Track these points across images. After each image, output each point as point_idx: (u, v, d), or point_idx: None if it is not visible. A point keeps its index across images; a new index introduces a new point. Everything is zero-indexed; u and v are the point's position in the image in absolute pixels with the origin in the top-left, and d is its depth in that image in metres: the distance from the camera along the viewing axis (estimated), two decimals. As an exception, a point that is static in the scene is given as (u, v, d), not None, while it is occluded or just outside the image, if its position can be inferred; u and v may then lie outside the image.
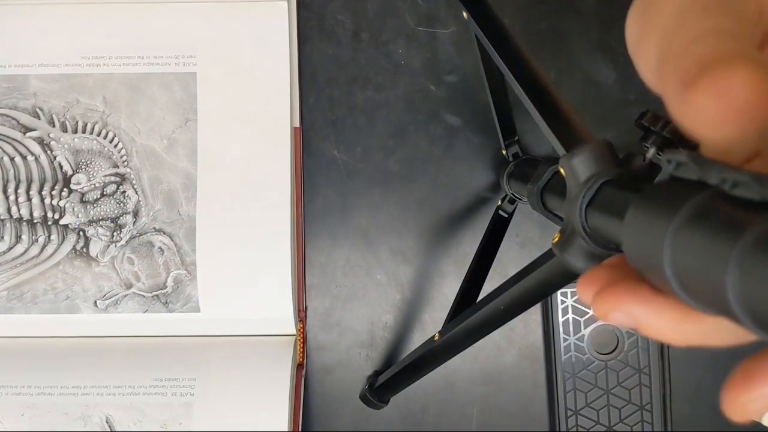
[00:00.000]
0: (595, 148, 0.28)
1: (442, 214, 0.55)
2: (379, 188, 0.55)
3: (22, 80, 0.51)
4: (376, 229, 0.55)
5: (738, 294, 0.15)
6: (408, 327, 0.56)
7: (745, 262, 0.15)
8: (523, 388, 0.56)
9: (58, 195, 0.51)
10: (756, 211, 0.16)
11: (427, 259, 0.55)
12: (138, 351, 0.51)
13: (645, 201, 0.21)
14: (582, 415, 0.55)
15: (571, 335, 0.54)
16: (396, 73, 0.54)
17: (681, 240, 0.18)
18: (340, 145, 0.54)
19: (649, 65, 0.20)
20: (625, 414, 0.55)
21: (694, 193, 0.18)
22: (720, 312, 0.17)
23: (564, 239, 0.29)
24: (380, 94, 0.54)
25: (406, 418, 0.56)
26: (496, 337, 0.55)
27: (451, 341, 0.43)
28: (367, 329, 0.55)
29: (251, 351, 0.51)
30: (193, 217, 0.51)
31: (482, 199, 0.55)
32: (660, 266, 0.19)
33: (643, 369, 0.54)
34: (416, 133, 0.54)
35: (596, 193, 0.27)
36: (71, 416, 0.49)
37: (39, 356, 0.51)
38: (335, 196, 0.55)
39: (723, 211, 0.17)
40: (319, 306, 0.55)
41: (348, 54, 0.54)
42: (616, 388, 0.54)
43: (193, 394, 0.49)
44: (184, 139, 0.51)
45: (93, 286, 0.51)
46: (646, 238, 0.20)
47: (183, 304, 0.51)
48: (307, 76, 0.54)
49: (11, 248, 0.51)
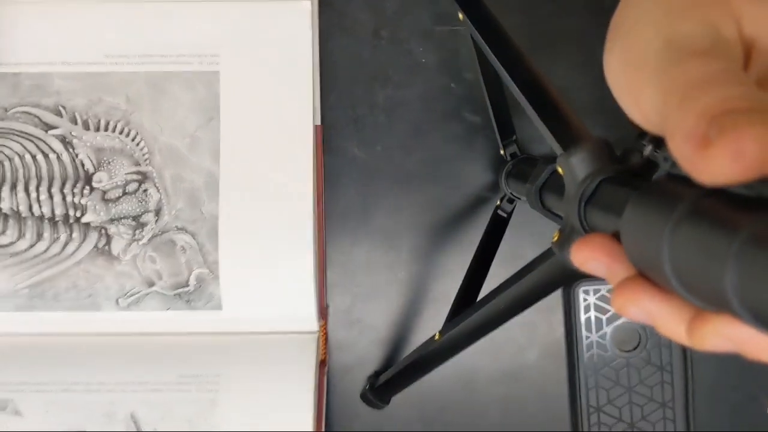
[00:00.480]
0: (592, 147, 0.28)
1: (459, 211, 0.55)
2: (400, 187, 0.55)
3: (45, 78, 0.51)
4: (396, 227, 0.55)
5: (737, 289, 0.16)
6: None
7: (743, 258, 0.15)
8: (545, 386, 0.55)
9: (80, 193, 0.51)
10: (753, 208, 0.16)
11: (441, 257, 0.55)
12: (162, 348, 0.51)
13: (643, 198, 0.21)
14: (604, 413, 0.54)
15: (593, 332, 0.54)
16: (416, 71, 0.54)
17: (679, 236, 0.18)
18: (361, 143, 0.54)
19: (641, 109, 0.21)
20: (647, 411, 0.54)
21: (691, 189, 0.18)
22: (719, 308, 0.17)
23: (563, 238, 0.29)
24: (400, 92, 0.54)
25: (426, 417, 0.56)
26: (517, 335, 0.55)
27: (452, 341, 0.43)
28: (387, 327, 0.55)
29: (274, 348, 0.51)
30: (216, 215, 0.51)
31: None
32: (659, 263, 0.19)
33: (665, 366, 0.54)
34: (436, 132, 0.54)
35: (594, 190, 0.27)
36: (96, 413, 0.49)
37: (62, 353, 0.51)
38: (355, 194, 0.55)
39: (720, 207, 0.17)
40: (340, 304, 0.55)
41: (368, 52, 0.54)
42: (638, 385, 0.54)
43: (217, 390, 0.49)
44: (206, 137, 0.51)
45: (115, 284, 0.51)
46: (644, 235, 0.20)
47: (205, 303, 0.51)
48: (327, 74, 0.54)
49: (32, 246, 0.51)
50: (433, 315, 0.55)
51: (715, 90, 0.18)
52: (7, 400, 0.49)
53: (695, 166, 0.17)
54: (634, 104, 0.21)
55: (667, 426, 0.54)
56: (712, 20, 0.20)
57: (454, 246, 0.55)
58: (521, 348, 0.55)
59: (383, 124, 0.54)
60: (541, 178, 0.37)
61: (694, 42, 0.20)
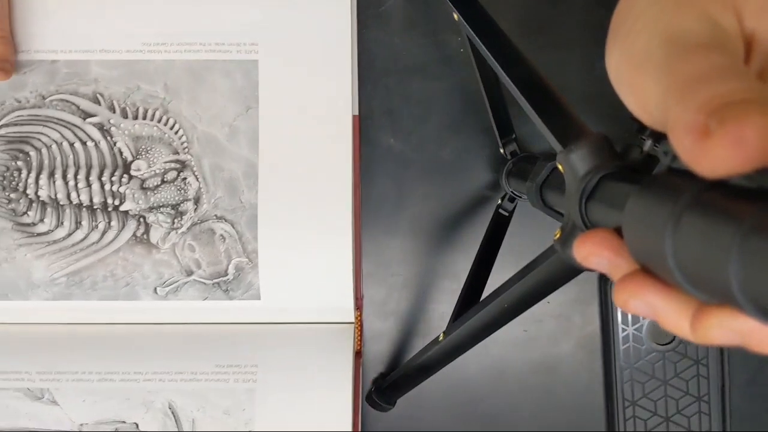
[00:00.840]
0: (591, 143, 0.28)
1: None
2: (435, 178, 0.54)
3: (83, 66, 0.51)
4: (430, 218, 0.55)
5: (740, 281, 0.15)
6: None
7: (746, 249, 0.15)
8: (580, 379, 0.55)
9: (118, 181, 0.51)
10: (754, 199, 0.16)
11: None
12: (199, 338, 0.51)
13: (644, 192, 0.21)
14: (639, 406, 0.54)
15: (630, 326, 0.54)
16: (452, 62, 0.54)
17: (681, 229, 0.18)
18: (396, 134, 0.54)
19: (644, 106, 0.21)
20: (682, 405, 0.54)
21: (692, 183, 0.18)
22: (723, 300, 0.17)
23: (565, 235, 0.29)
24: (436, 83, 0.54)
25: (458, 409, 0.56)
26: (552, 327, 0.55)
27: (456, 341, 0.42)
28: (421, 319, 0.55)
29: (311, 338, 0.51)
30: (255, 204, 0.51)
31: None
32: (662, 257, 0.19)
33: (701, 360, 0.54)
34: (472, 123, 0.54)
35: (595, 186, 0.27)
36: (133, 402, 0.49)
37: (100, 342, 0.51)
38: (391, 185, 0.54)
39: (721, 200, 0.17)
40: (375, 295, 0.55)
41: (405, 43, 0.54)
42: (674, 378, 0.54)
43: (255, 381, 0.49)
44: (245, 126, 0.51)
45: (153, 272, 0.51)
46: (646, 228, 0.20)
47: (244, 292, 0.51)
48: (364, 64, 0.54)
49: (71, 234, 0.51)
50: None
51: (716, 83, 0.18)
52: (43, 390, 0.49)
53: (696, 157, 0.17)
54: (638, 101, 0.21)
55: (702, 420, 0.54)
56: (712, 14, 0.20)
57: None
58: (556, 340, 0.55)
59: (419, 115, 0.54)
60: (542, 176, 0.37)
61: (695, 37, 0.20)
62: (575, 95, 0.54)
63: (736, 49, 0.20)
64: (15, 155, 0.51)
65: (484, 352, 0.55)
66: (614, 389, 0.54)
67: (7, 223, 0.51)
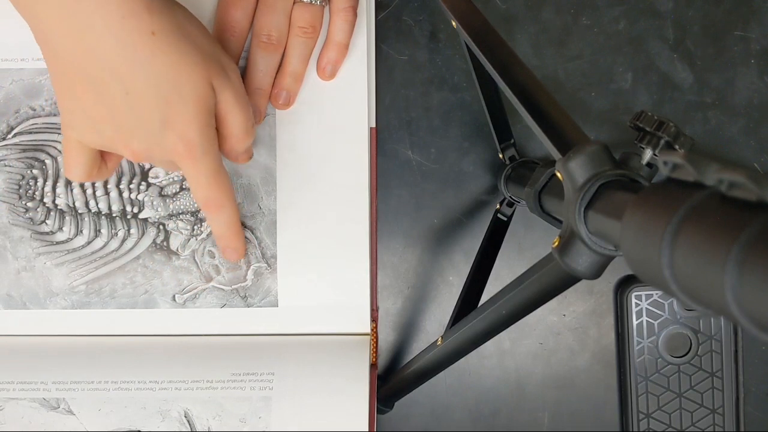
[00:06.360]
0: (590, 151, 0.28)
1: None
2: (453, 190, 0.55)
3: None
4: (448, 230, 0.55)
5: (736, 294, 0.15)
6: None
7: (742, 263, 0.15)
8: (596, 392, 0.55)
9: (137, 188, 0.51)
10: (753, 212, 0.16)
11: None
12: (216, 346, 0.51)
13: (642, 202, 0.21)
14: (654, 419, 0.54)
15: (645, 338, 0.54)
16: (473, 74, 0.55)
17: (679, 241, 0.18)
18: (415, 146, 0.55)
19: None
20: (697, 417, 0.54)
21: (690, 194, 0.18)
22: (718, 312, 0.17)
23: (563, 243, 0.29)
24: (456, 95, 0.54)
25: (477, 421, 0.56)
26: (569, 340, 0.55)
27: (454, 346, 0.42)
28: (438, 331, 0.55)
29: (328, 347, 0.51)
30: (274, 210, 0.51)
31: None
32: (658, 267, 0.19)
33: (716, 372, 0.54)
34: (491, 135, 0.55)
35: (594, 195, 0.27)
36: (149, 411, 0.48)
37: (115, 352, 0.51)
38: (408, 197, 0.55)
39: (720, 212, 0.17)
40: (391, 307, 0.55)
41: (425, 54, 0.54)
42: (689, 391, 0.54)
43: (271, 389, 0.49)
44: (262, 133, 0.51)
45: (172, 279, 0.51)
46: (644, 239, 0.20)
47: (262, 298, 0.51)
48: (383, 76, 0.54)
49: (90, 242, 0.51)
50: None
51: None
52: (59, 399, 0.49)
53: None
54: None
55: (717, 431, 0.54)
56: None
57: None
58: (573, 352, 0.55)
59: (438, 127, 0.55)
60: (540, 183, 0.37)
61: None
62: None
63: None
64: (30, 163, 0.51)
65: (503, 364, 0.55)
66: (629, 402, 0.54)
67: (25, 231, 0.51)
